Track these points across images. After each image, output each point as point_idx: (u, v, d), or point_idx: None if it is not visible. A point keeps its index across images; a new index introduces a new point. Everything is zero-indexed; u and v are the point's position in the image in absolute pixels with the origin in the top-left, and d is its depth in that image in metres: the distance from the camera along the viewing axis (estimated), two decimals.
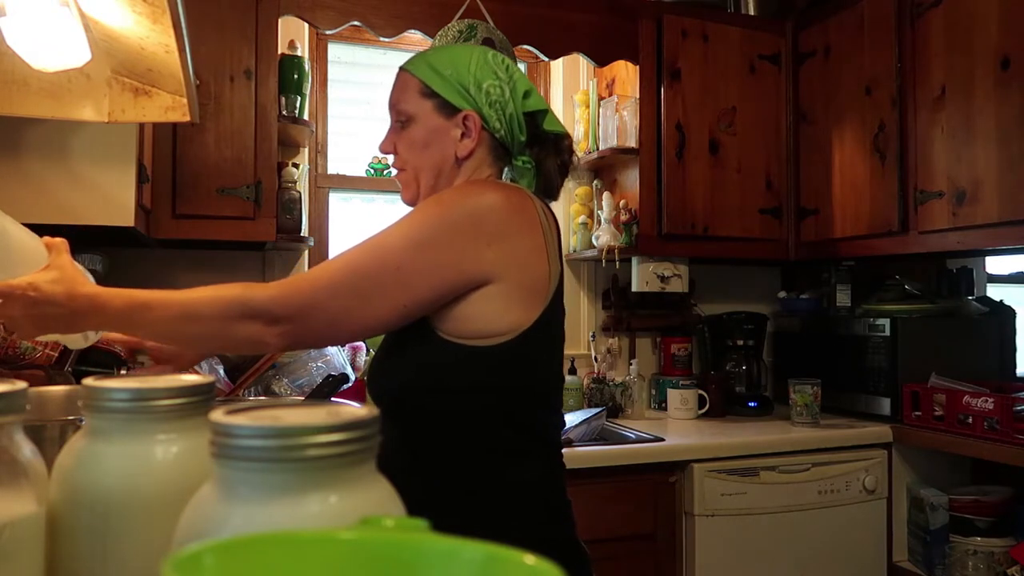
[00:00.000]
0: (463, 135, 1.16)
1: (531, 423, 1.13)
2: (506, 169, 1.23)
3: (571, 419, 2.20)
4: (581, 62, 2.77)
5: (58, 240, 1.08)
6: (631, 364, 2.67)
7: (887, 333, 2.32)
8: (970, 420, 2.07)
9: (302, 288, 1.06)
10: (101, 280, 2.11)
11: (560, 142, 1.22)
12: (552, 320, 1.12)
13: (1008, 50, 1.97)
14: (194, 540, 0.39)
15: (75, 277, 1.04)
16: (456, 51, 1.20)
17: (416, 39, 2.44)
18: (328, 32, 2.34)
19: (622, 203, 2.55)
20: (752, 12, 2.75)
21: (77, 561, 0.55)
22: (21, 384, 0.56)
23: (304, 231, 2.29)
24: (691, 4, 2.61)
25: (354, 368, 2.32)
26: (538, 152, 1.20)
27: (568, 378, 2.50)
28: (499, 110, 1.16)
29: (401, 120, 1.19)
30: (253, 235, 2.10)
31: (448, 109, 1.16)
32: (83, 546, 0.55)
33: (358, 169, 2.64)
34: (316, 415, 0.45)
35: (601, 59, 2.51)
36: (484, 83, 1.16)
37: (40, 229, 1.75)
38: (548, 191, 1.22)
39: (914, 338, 2.32)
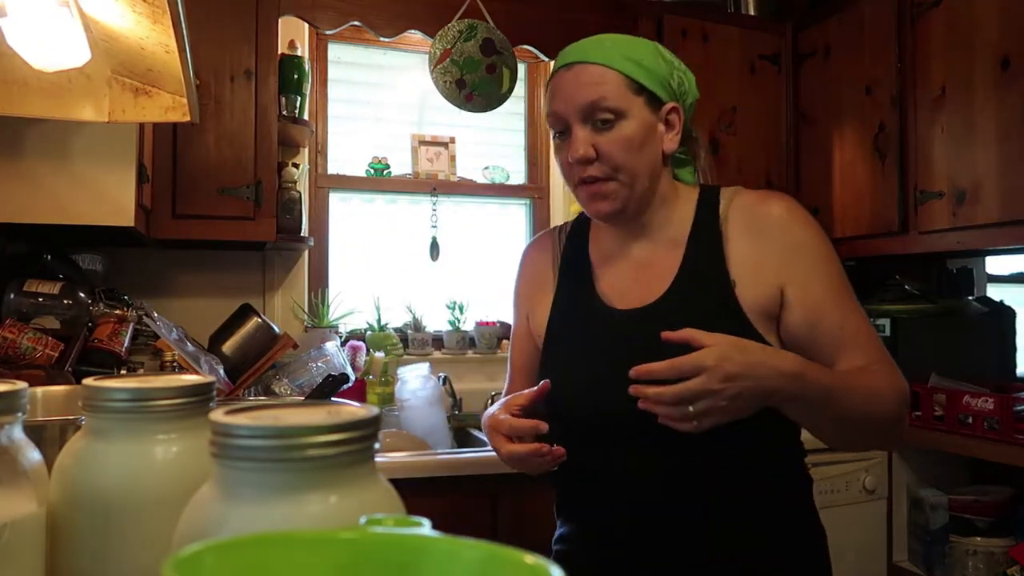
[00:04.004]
0: (668, 129, 1.10)
1: None
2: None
3: None
4: None
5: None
6: None
7: (887, 333, 2.32)
8: (970, 420, 2.06)
9: (888, 358, 1.07)
10: (101, 280, 2.11)
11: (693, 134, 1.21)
12: None
13: (1008, 50, 1.97)
14: (194, 540, 0.39)
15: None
16: (636, 41, 1.11)
17: (416, 39, 2.44)
18: (328, 32, 2.34)
19: None
20: (752, 12, 2.74)
21: (77, 561, 0.55)
22: (21, 384, 0.57)
23: (304, 231, 2.29)
24: (691, 4, 2.61)
25: (354, 368, 2.32)
26: (690, 144, 1.20)
27: None
28: (685, 102, 1.13)
29: (603, 119, 1.05)
30: (253, 235, 2.10)
31: (656, 103, 1.08)
32: (83, 546, 0.55)
33: (358, 169, 2.63)
34: (316, 415, 0.45)
35: None
36: (675, 74, 1.11)
37: (40, 229, 1.76)
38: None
39: (914, 338, 2.32)
